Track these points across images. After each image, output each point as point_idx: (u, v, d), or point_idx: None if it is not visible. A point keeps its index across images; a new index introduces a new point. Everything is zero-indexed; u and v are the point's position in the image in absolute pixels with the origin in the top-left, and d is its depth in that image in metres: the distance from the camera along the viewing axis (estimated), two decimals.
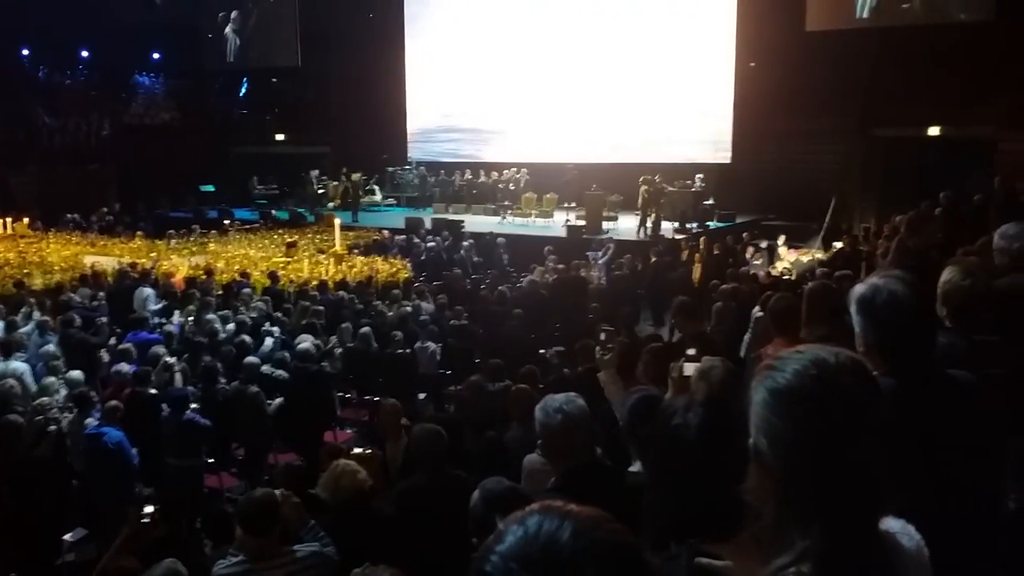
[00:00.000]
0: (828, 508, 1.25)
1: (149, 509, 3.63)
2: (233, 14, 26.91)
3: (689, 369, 3.76)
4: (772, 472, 1.30)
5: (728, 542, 1.52)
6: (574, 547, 0.93)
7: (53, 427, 7.03)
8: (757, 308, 6.68)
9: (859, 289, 2.25)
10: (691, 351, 3.87)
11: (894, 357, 2.11)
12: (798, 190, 18.95)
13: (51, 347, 9.05)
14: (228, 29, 27.09)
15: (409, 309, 11.06)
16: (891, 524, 1.39)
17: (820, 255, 14.35)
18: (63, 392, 7.88)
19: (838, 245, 13.89)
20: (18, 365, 8.35)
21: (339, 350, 9.55)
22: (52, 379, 8.05)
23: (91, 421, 7.02)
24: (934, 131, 17.89)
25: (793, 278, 11.78)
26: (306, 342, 9.01)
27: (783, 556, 1.26)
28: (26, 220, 20.25)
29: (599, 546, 0.94)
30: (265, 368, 8.47)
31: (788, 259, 14.61)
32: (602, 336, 3.75)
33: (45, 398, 7.62)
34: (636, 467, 3.28)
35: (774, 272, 13.38)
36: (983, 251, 5.52)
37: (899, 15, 17.03)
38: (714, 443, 1.63)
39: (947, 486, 1.98)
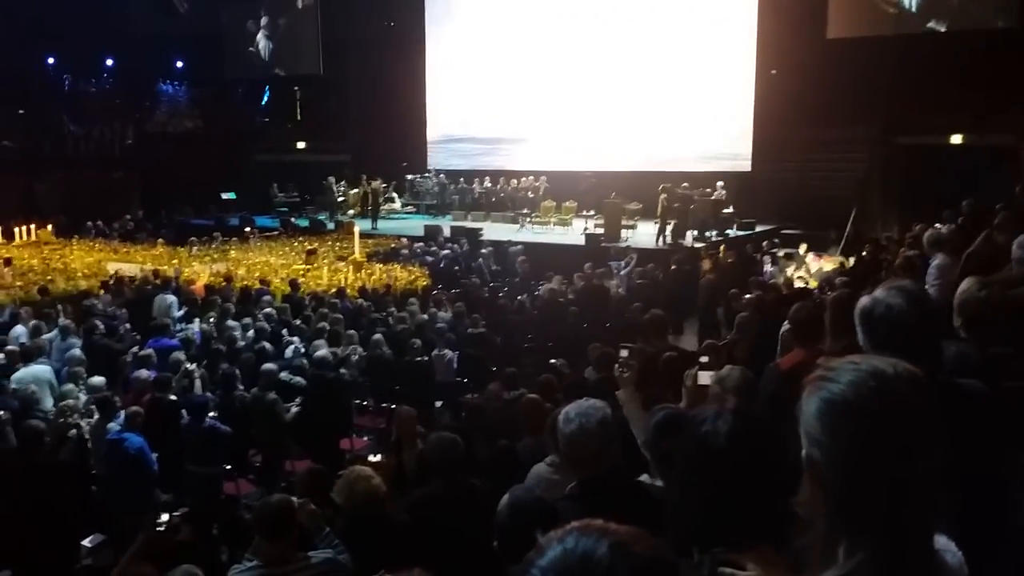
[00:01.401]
0: (885, 524, 1.22)
1: (165, 517, 3.65)
2: (263, 20, 27.22)
3: (704, 378, 3.76)
4: (826, 485, 1.27)
5: (751, 551, 1.51)
6: (611, 562, 0.96)
7: (74, 431, 7.09)
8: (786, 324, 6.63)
9: (862, 301, 2.24)
10: (704, 359, 3.87)
11: None
12: (818, 199, 18.87)
13: (77, 351, 9.14)
14: (260, 35, 27.38)
15: (426, 317, 11.08)
16: (938, 541, 1.36)
17: (845, 263, 14.22)
18: (84, 397, 7.95)
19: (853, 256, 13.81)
20: (42, 368, 8.42)
21: (355, 357, 9.57)
22: (71, 386, 8.10)
23: (113, 426, 7.06)
24: (956, 139, 17.77)
25: (814, 287, 11.69)
26: (323, 349, 9.04)
27: (831, 570, 1.25)
28: (50, 227, 20.48)
29: (635, 560, 0.97)
30: (283, 375, 8.51)
31: (814, 268, 14.48)
32: (623, 353, 3.72)
33: (70, 400, 7.69)
34: (647, 479, 3.28)
35: (798, 282, 13.27)
36: (986, 242, 5.47)
37: (921, 22, 16.95)
38: (744, 452, 1.63)
39: (956, 499, 1.96)
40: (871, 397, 1.24)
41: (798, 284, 12.68)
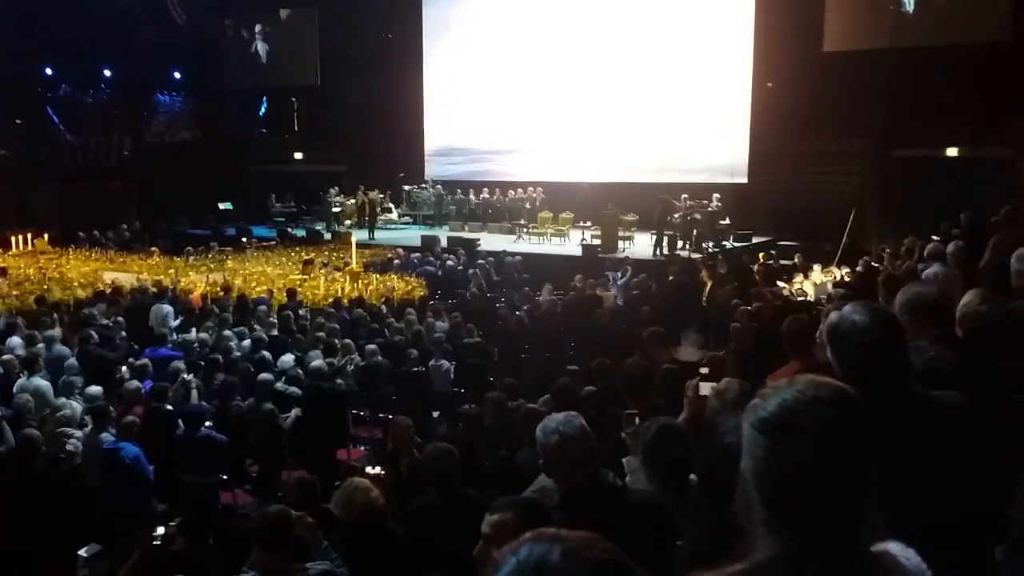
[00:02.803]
0: (808, 527, 1.32)
1: (161, 531, 3.65)
2: (257, 27, 27.31)
3: (704, 388, 3.78)
4: (758, 493, 1.38)
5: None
6: (564, 567, 0.97)
7: (70, 441, 7.08)
8: None
9: (831, 317, 2.26)
10: (704, 370, 3.89)
11: (858, 386, 2.12)
12: (814, 211, 18.91)
13: (72, 361, 9.13)
14: (257, 39, 27.45)
15: (423, 328, 11.08)
16: (891, 547, 1.45)
17: (844, 276, 14.22)
18: (79, 407, 7.93)
19: (845, 268, 13.81)
20: (40, 382, 8.41)
21: (351, 367, 9.57)
22: (63, 399, 8.08)
23: (106, 436, 7.05)
24: (952, 152, 17.82)
25: (811, 299, 11.72)
26: (318, 359, 9.04)
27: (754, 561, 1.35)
28: (46, 236, 20.47)
29: (588, 564, 0.98)
30: (279, 385, 8.50)
31: (818, 279, 14.46)
32: (633, 422, 3.70)
33: (67, 411, 7.68)
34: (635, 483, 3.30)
35: (798, 295, 13.28)
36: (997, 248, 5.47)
37: (918, 35, 17.03)
38: None
39: (937, 512, 1.96)
40: (784, 415, 1.36)
41: (798, 297, 12.70)
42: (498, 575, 1.00)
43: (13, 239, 19.70)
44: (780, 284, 13.75)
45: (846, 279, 13.25)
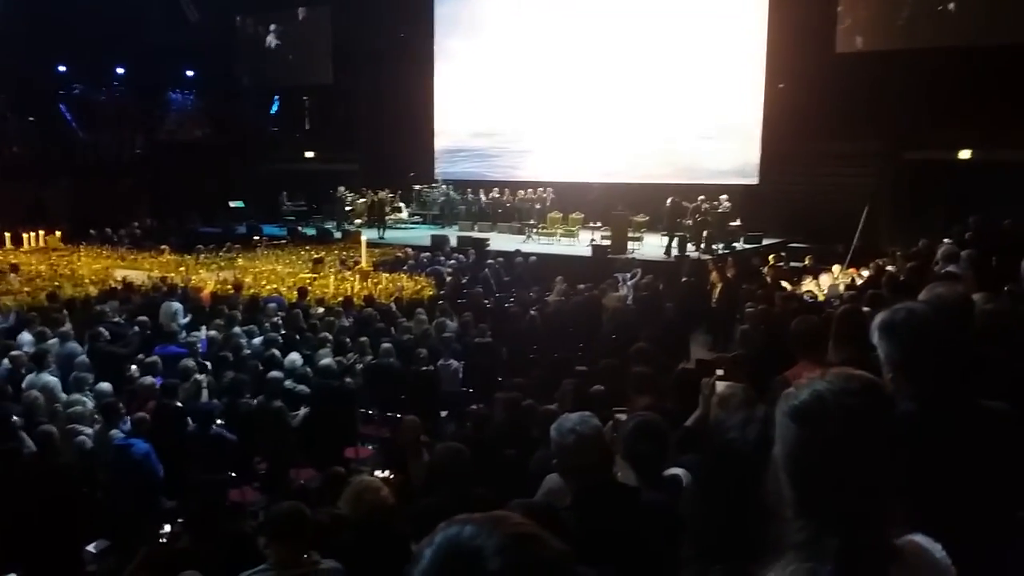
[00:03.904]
0: (836, 514, 1.37)
1: (167, 528, 3.67)
2: (272, 26, 27.39)
3: (722, 388, 3.84)
4: (788, 479, 1.45)
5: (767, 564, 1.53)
6: (474, 541, 0.98)
7: (79, 437, 7.10)
8: None
9: (880, 316, 2.24)
10: (720, 371, 3.94)
11: (919, 379, 2.10)
12: (826, 213, 18.82)
13: (83, 358, 9.17)
14: (270, 36, 27.52)
15: (432, 327, 11.06)
16: (917, 538, 1.51)
17: (856, 277, 14.13)
18: (90, 404, 7.96)
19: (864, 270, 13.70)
20: (48, 378, 8.45)
21: (360, 366, 9.57)
22: (76, 395, 8.11)
23: (116, 432, 7.07)
24: (965, 154, 17.72)
25: (822, 300, 11.65)
26: (327, 358, 9.04)
27: (793, 552, 1.39)
28: (58, 233, 20.57)
29: (499, 536, 0.98)
30: (287, 383, 8.51)
31: (827, 282, 14.37)
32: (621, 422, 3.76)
33: (78, 407, 7.71)
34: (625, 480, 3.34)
35: (807, 295, 13.20)
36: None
37: (931, 37, 16.95)
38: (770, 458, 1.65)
39: (977, 514, 1.96)
40: (815, 404, 1.43)
41: (807, 298, 12.61)
42: (418, 565, 1.00)
43: (25, 236, 19.82)
44: (784, 284, 13.68)
45: (857, 281, 13.18)
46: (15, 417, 7.08)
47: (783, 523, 1.42)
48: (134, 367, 9.20)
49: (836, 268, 14.75)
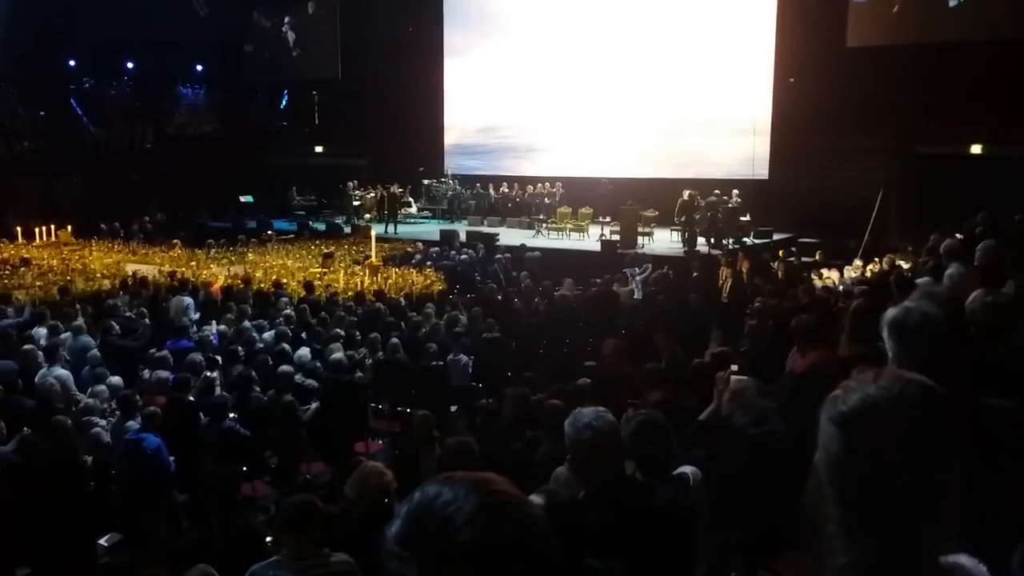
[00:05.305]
0: (875, 529, 1.26)
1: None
2: (286, 19, 27.43)
3: (734, 381, 3.86)
4: (832, 488, 1.32)
5: (788, 559, 1.52)
6: (445, 508, 0.97)
7: (94, 430, 7.14)
8: None
9: (891, 313, 2.22)
10: (735, 367, 3.96)
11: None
12: (836, 208, 18.76)
13: (95, 351, 9.22)
14: (285, 27, 27.55)
15: (442, 322, 11.09)
16: (962, 559, 1.38)
17: (866, 272, 14.10)
18: (103, 396, 8.00)
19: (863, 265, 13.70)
20: (60, 372, 8.50)
21: (370, 361, 9.59)
22: (101, 387, 8.17)
23: (132, 424, 7.11)
24: (975, 149, 17.64)
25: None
26: (338, 352, 9.07)
27: (832, 565, 1.29)
28: (69, 228, 20.66)
29: (477, 507, 0.97)
30: (297, 377, 8.55)
31: (835, 277, 14.33)
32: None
33: (93, 399, 7.75)
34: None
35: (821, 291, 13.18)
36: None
37: (942, 31, 16.87)
38: (799, 451, 1.64)
39: (981, 520, 1.94)
40: (867, 411, 1.29)
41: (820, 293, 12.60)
42: (391, 530, 1.00)
43: (37, 230, 19.89)
44: (811, 277, 13.67)
45: (867, 276, 13.15)
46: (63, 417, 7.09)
47: (824, 539, 1.31)
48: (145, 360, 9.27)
49: (857, 262, 14.73)
